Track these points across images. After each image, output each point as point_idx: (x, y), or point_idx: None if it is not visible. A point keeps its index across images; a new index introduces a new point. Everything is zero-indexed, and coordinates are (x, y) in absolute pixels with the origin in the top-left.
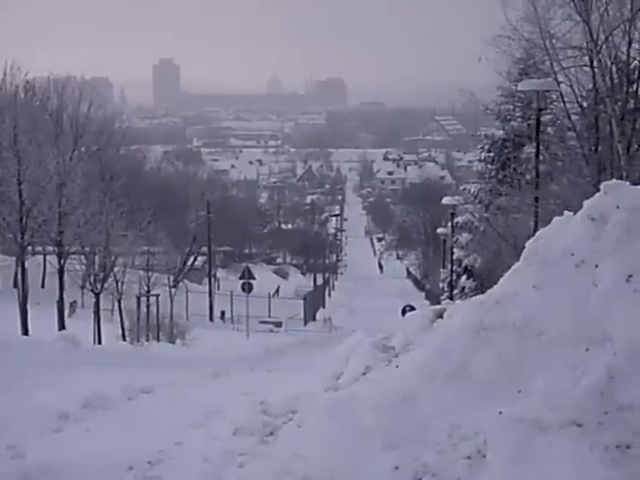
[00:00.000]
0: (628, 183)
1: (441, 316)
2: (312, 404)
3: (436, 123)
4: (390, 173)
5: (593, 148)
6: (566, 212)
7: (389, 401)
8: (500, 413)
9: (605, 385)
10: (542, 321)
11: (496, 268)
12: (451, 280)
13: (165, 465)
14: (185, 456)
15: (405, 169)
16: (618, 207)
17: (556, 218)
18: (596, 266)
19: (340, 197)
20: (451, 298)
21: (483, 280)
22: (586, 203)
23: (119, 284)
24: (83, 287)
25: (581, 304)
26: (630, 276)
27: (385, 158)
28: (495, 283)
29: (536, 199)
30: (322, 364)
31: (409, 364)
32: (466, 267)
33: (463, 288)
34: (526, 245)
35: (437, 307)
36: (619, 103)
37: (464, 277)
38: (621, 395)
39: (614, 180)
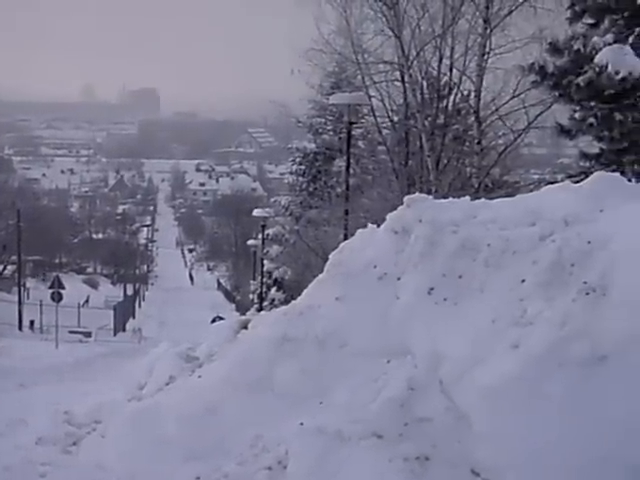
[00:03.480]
0: (432, 197)
1: (246, 327)
2: (115, 414)
3: (248, 135)
4: (202, 184)
5: (403, 162)
6: (370, 224)
7: (191, 412)
8: (301, 424)
9: (405, 397)
10: (345, 333)
11: (305, 280)
12: (261, 292)
13: None
14: None
15: (217, 181)
16: (421, 221)
17: (360, 230)
18: (398, 279)
19: (152, 208)
20: (261, 310)
21: (293, 292)
22: (389, 216)
23: None
24: None
25: (383, 316)
26: (432, 289)
27: (197, 169)
28: None
29: (346, 212)
30: (128, 374)
31: (212, 375)
32: (276, 279)
33: (273, 300)
34: (330, 257)
35: (242, 318)
36: (429, 118)
37: (274, 289)
38: (421, 407)
39: (417, 194)
